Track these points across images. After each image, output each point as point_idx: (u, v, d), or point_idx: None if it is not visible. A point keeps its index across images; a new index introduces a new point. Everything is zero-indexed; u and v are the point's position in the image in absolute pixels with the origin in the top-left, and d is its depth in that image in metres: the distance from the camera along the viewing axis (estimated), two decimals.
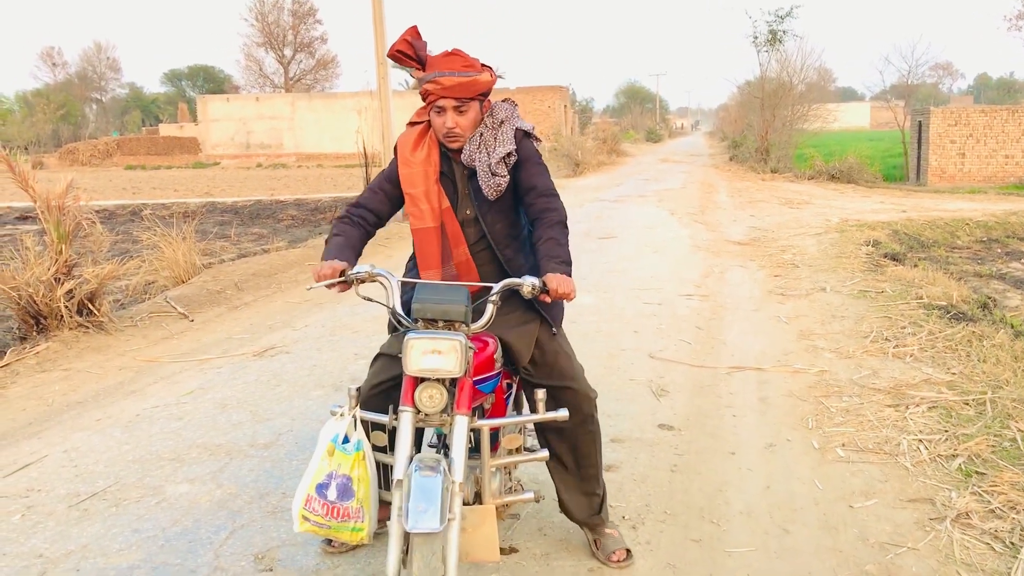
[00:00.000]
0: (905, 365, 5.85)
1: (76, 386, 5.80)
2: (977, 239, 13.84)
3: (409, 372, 2.67)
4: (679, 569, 3.34)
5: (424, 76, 3.09)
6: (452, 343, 2.64)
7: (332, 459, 2.83)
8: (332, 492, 2.80)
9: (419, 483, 2.49)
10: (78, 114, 70.53)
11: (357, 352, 6.42)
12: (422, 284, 2.92)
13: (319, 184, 27.99)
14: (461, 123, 3.13)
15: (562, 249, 3.04)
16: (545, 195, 3.17)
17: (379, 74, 15.20)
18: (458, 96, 3.07)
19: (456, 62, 3.08)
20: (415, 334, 2.66)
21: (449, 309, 2.70)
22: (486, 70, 3.13)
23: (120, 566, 3.38)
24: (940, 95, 74.85)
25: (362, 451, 2.86)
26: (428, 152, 3.23)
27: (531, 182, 3.18)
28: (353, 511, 2.82)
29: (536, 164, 3.22)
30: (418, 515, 2.42)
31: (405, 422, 2.71)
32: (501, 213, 3.25)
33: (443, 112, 3.11)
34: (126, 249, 11.53)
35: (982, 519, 3.66)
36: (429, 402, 2.69)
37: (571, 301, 2.93)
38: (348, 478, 2.82)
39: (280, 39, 66.65)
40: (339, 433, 2.86)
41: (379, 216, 3.33)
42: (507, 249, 3.27)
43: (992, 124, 24.99)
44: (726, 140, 50.64)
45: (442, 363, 2.64)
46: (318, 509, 2.81)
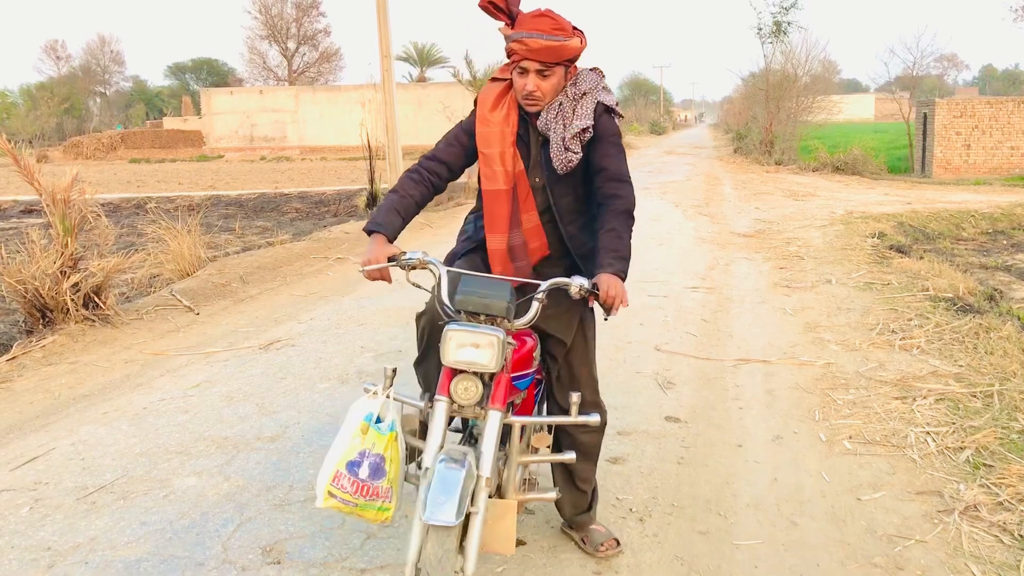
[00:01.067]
0: (912, 357, 5.83)
1: (83, 379, 5.81)
2: (983, 231, 13.79)
3: (446, 363, 2.67)
4: (686, 561, 3.34)
5: (510, 34, 2.97)
6: (491, 338, 2.63)
7: (366, 437, 2.80)
8: (364, 470, 2.77)
9: (442, 475, 2.50)
10: (82, 107, 70.57)
11: (363, 345, 6.42)
12: (467, 276, 2.87)
13: (323, 177, 27.99)
14: (543, 87, 3.01)
15: (621, 243, 2.93)
16: (615, 179, 3.05)
17: (383, 67, 15.18)
18: (543, 60, 2.95)
19: (546, 23, 2.94)
20: (455, 326, 2.66)
21: (491, 304, 2.69)
22: (577, 35, 2.99)
23: (128, 559, 3.39)
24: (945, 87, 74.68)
25: (395, 432, 2.85)
26: (507, 112, 3.11)
27: (602, 163, 3.06)
28: (383, 491, 2.80)
29: (612, 144, 3.09)
30: (435, 507, 2.43)
31: (439, 411, 2.72)
32: (570, 187, 3.15)
33: (525, 74, 2.99)
34: (131, 242, 11.54)
35: (990, 511, 3.65)
36: (464, 394, 2.70)
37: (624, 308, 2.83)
38: (381, 457, 2.79)
39: (284, 32, 66.58)
40: (372, 412, 2.84)
41: (452, 169, 3.21)
42: (570, 225, 3.19)
43: (998, 116, 24.87)
44: (730, 132, 50.51)
45: (479, 357, 2.64)
46: (347, 486, 2.77)
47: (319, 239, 12.15)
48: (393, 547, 3.43)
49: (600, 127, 3.07)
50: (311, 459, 4.32)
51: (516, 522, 2.91)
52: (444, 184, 3.22)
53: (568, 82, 3.08)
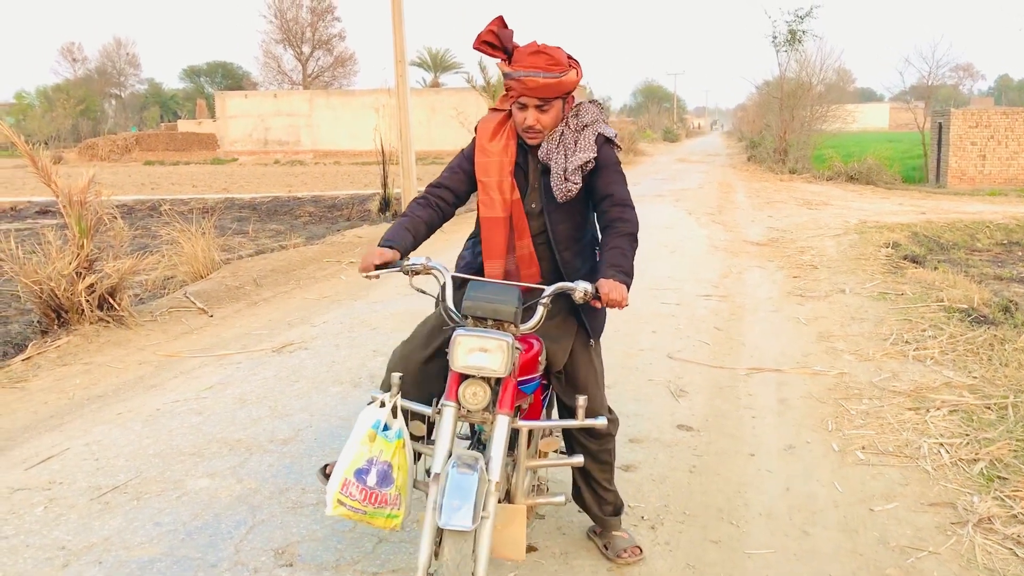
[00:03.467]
0: (925, 368, 5.81)
1: (97, 380, 5.84)
2: (998, 242, 13.73)
3: (455, 368, 2.68)
4: (698, 570, 3.34)
5: (508, 72, 3.03)
6: (500, 343, 2.65)
7: (373, 445, 2.82)
8: (372, 478, 2.80)
9: (456, 480, 2.50)
10: (97, 109, 70.98)
11: (376, 349, 6.44)
12: (474, 282, 2.91)
13: (336, 181, 28.07)
14: (542, 120, 3.08)
15: (625, 260, 3.01)
16: (619, 204, 3.12)
17: (397, 72, 15.21)
18: (541, 96, 3.02)
19: (541, 60, 2.99)
20: (464, 331, 2.68)
21: (500, 309, 2.71)
22: (572, 68, 3.05)
23: (141, 559, 3.40)
24: (960, 96, 74.31)
25: (403, 439, 2.87)
26: (506, 142, 3.18)
27: (607, 190, 3.14)
28: (391, 498, 2.82)
29: (614, 172, 3.17)
30: (452, 512, 2.44)
31: (447, 417, 2.73)
32: (567, 215, 3.21)
33: (525, 108, 3.07)
34: (145, 244, 11.60)
35: (1004, 524, 3.63)
36: (472, 399, 2.71)
37: (622, 309, 2.90)
38: (389, 465, 2.82)
39: (298, 36, 66.82)
40: (380, 419, 2.86)
41: (457, 195, 3.29)
42: (566, 251, 3.24)
43: (1013, 126, 24.76)
44: (744, 140, 50.44)
45: (488, 362, 2.66)
46: (355, 494, 2.80)
47: (332, 243, 12.19)
48: (405, 551, 3.44)
49: (602, 157, 3.15)
50: (323, 462, 4.30)
51: (526, 527, 2.92)
52: (451, 210, 3.30)
53: (568, 113, 3.17)
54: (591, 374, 3.28)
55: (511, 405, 2.75)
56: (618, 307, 2.86)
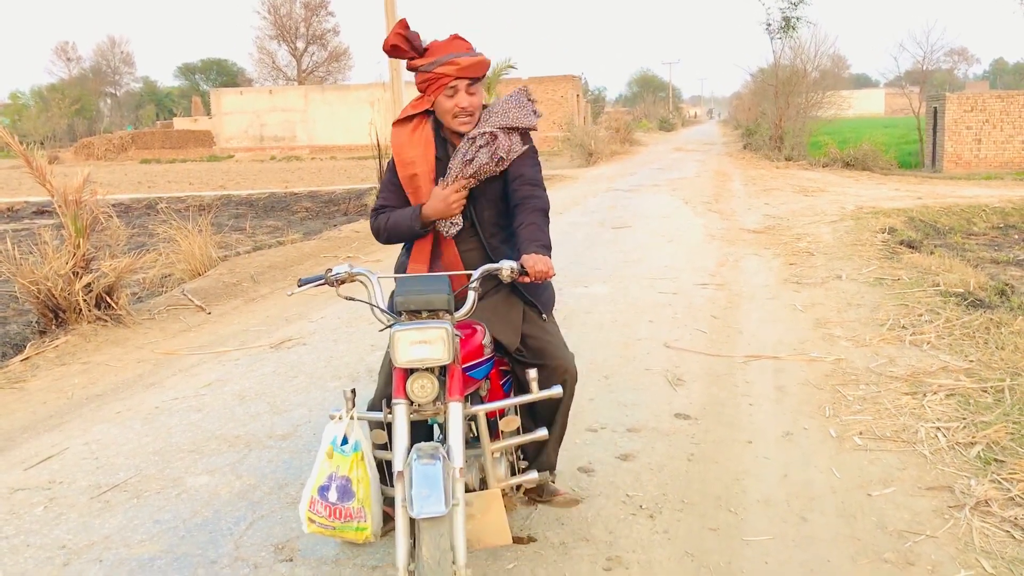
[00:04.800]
0: (922, 353, 5.82)
1: (95, 379, 5.85)
2: (994, 225, 13.75)
3: (398, 364, 2.69)
4: (697, 558, 3.35)
5: (436, 59, 3.13)
6: (438, 331, 2.66)
7: (331, 461, 2.87)
8: (333, 494, 2.85)
9: (420, 471, 2.51)
10: (93, 109, 70.89)
11: (374, 343, 6.45)
12: (403, 278, 2.93)
13: (333, 176, 28.05)
14: (474, 102, 3.19)
15: (542, 233, 3.11)
16: (531, 183, 3.25)
17: (391, 66, 15.22)
18: (473, 76, 3.15)
19: (461, 44, 3.18)
20: (401, 326, 2.69)
21: (431, 299, 2.73)
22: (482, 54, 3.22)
23: (142, 557, 3.41)
24: (955, 81, 74.30)
25: (360, 452, 2.89)
26: (424, 148, 3.28)
27: (520, 170, 3.26)
28: (355, 511, 2.85)
29: (528, 158, 3.30)
30: (422, 500, 2.44)
31: (400, 415, 2.73)
32: (491, 201, 3.32)
33: (456, 93, 3.16)
34: (143, 242, 11.59)
35: (1001, 507, 3.65)
36: (421, 392, 2.72)
37: (550, 279, 2.98)
38: (347, 479, 2.85)
39: (292, 31, 66.70)
40: (337, 435, 2.90)
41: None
42: (493, 238, 3.34)
43: (1009, 109, 24.77)
44: (740, 128, 50.39)
45: (430, 352, 2.67)
46: (321, 511, 2.86)
47: (329, 238, 12.20)
48: None
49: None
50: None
51: (505, 511, 2.94)
52: None
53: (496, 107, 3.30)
54: (547, 340, 3.32)
55: (460, 392, 2.77)
56: (546, 278, 2.93)
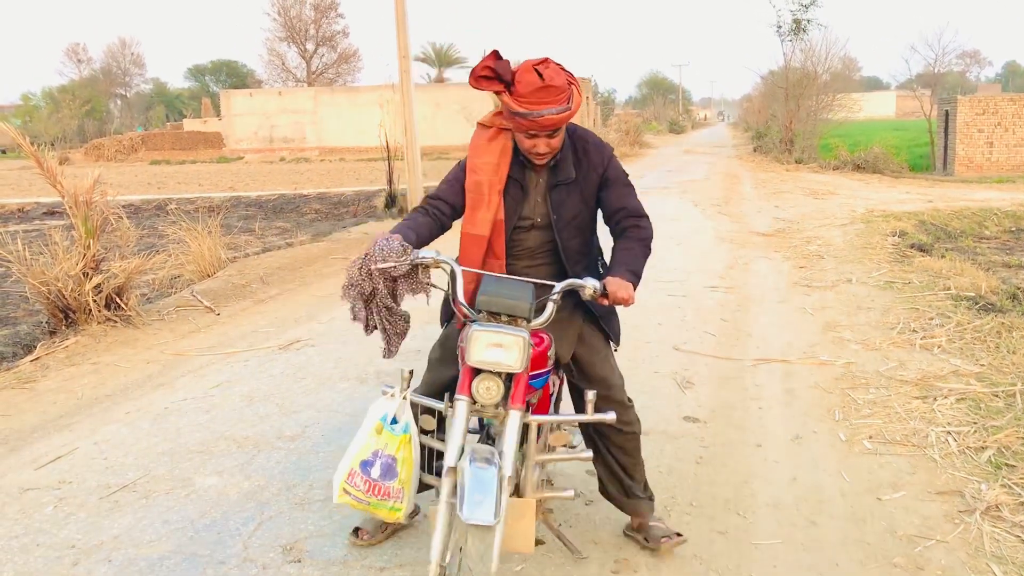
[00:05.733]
0: (933, 357, 5.80)
1: (105, 379, 5.87)
2: (1006, 229, 13.65)
3: (471, 363, 2.68)
4: (705, 561, 3.34)
5: (520, 112, 2.92)
6: (517, 339, 2.66)
7: (379, 438, 2.85)
8: (376, 470, 2.82)
9: (476, 474, 2.50)
10: (103, 110, 71.10)
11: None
12: (489, 277, 2.90)
13: (342, 178, 28.07)
14: (552, 144, 3.06)
15: (636, 262, 3.07)
16: (634, 215, 3.19)
17: (401, 68, 15.20)
18: (555, 128, 3.00)
19: (550, 95, 2.89)
20: (480, 326, 2.68)
21: (515, 305, 2.72)
22: (573, 87, 2.97)
23: (151, 557, 3.42)
24: (967, 83, 73.99)
25: (409, 434, 2.88)
26: (499, 160, 3.17)
27: (619, 203, 3.20)
28: (394, 491, 2.83)
29: (624, 185, 3.24)
30: (475, 506, 2.43)
31: (460, 411, 2.73)
32: (578, 230, 3.25)
33: (535, 137, 3.02)
34: (152, 243, 11.62)
35: (1012, 512, 3.63)
36: (486, 394, 2.71)
37: (628, 307, 2.94)
38: (393, 459, 2.83)
39: (302, 33, 66.80)
40: (388, 413, 2.88)
41: (455, 208, 3.26)
42: (576, 265, 3.26)
43: (1021, 113, 24.62)
44: (750, 131, 50.27)
45: (504, 357, 2.66)
46: (359, 484, 2.83)
47: (338, 239, 12.22)
48: (412, 546, 3.45)
49: (612, 170, 3.23)
50: (331, 458, 4.35)
51: (535, 521, 2.93)
52: (449, 222, 3.28)
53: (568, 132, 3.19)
54: (608, 368, 3.30)
55: (523, 400, 2.76)
56: (624, 304, 2.89)
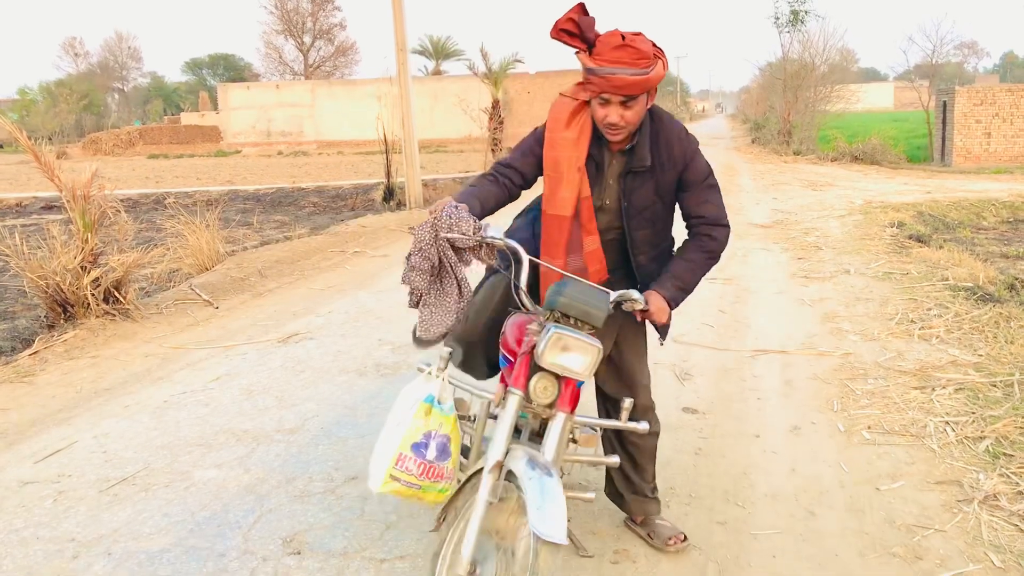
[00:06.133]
0: (931, 347, 5.80)
1: (104, 373, 5.87)
2: (1003, 219, 13.66)
3: (543, 363, 2.61)
4: (704, 552, 3.35)
5: (592, 68, 2.78)
6: (593, 348, 2.62)
7: (429, 418, 2.78)
8: (432, 451, 2.75)
9: (543, 484, 2.44)
10: (100, 104, 70.97)
11: (381, 338, 6.45)
12: (571, 280, 2.77)
13: (340, 171, 28.05)
14: (627, 116, 2.86)
15: (692, 275, 3.01)
16: (714, 224, 3.07)
17: (399, 60, 15.17)
18: (627, 93, 2.80)
19: (627, 55, 2.73)
20: (561, 329, 2.61)
21: (592, 313, 2.65)
22: (658, 60, 2.80)
23: (151, 550, 3.42)
24: (965, 74, 73.85)
25: (455, 415, 2.85)
26: (579, 136, 2.99)
27: (699, 211, 3.06)
28: (447, 472, 2.78)
29: (706, 188, 3.06)
30: (550, 521, 2.36)
31: (512, 405, 2.66)
32: (648, 221, 3.10)
33: (607, 104, 2.85)
34: (150, 237, 11.62)
35: (1010, 501, 3.63)
36: (543, 393, 2.67)
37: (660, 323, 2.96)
38: (447, 438, 2.78)
39: (299, 26, 66.71)
40: (432, 394, 2.82)
41: (526, 178, 3.11)
42: (642, 255, 3.14)
43: (1019, 103, 24.61)
44: (748, 122, 50.22)
45: (575, 363, 2.62)
46: (412, 468, 2.73)
47: (336, 233, 12.20)
48: (412, 537, 3.45)
49: (694, 171, 3.04)
50: (330, 451, 4.35)
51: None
52: (518, 191, 3.14)
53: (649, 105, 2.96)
54: (638, 368, 3.29)
55: (571, 404, 2.74)
56: (657, 323, 2.92)
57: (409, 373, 5.25)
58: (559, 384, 2.71)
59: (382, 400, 5.02)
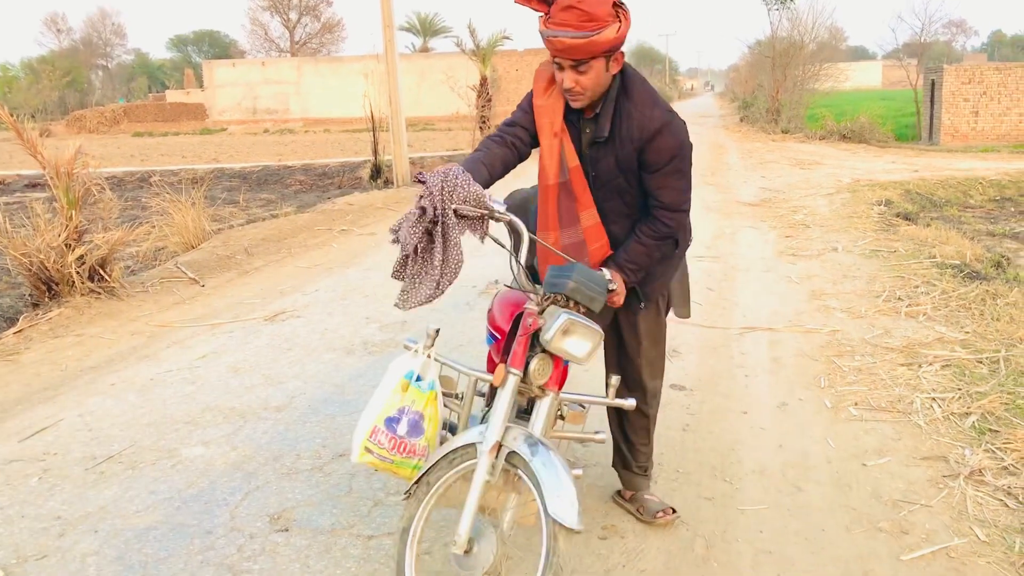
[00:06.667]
0: (918, 324, 5.82)
1: (89, 351, 5.83)
2: (990, 198, 13.72)
3: (550, 347, 2.60)
4: (692, 527, 3.36)
5: (541, 30, 2.73)
6: (598, 334, 2.64)
7: (406, 395, 2.79)
8: (403, 427, 2.76)
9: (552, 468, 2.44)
10: (84, 81, 70.27)
11: (368, 316, 6.43)
12: (580, 267, 2.70)
13: (326, 149, 27.90)
14: (582, 82, 2.76)
15: (644, 258, 2.95)
16: (669, 209, 2.91)
17: (385, 37, 15.06)
18: (572, 57, 2.70)
19: (572, 16, 2.62)
20: (570, 314, 2.59)
21: (596, 299, 2.63)
22: (614, 20, 2.67)
23: (138, 527, 3.41)
24: (954, 53, 73.90)
25: (435, 391, 2.84)
26: (555, 102, 2.92)
27: (658, 196, 2.90)
28: (420, 449, 2.79)
29: (666, 175, 2.86)
30: (565, 506, 2.37)
31: (511, 385, 2.61)
32: (616, 192, 2.98)
33: (562, 69, 2.77)
34: (136, 215, 11.53)
35: (995, 476, 3.66)
36: (539, 374, 2.66)
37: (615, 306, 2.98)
38: (420, 415, 2.79)
39: (285, 3, 66.13)
40: (413, 370, 2.82)
41: (533, 135, 2.99)
42: (614, 225, 3.03)
43: (1006, 82, 24.64)
44: (736, 101, 50.17)
45: (577, 349, 2.62)
46: (384, 442, 2.76)
47: (323, 211, 12.14)
48: (400, 514, 3.43)
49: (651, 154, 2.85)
50: (318, 428, 4.34)
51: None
52: (528, 150, 3.02)
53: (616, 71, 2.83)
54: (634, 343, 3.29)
55: (560, 383, 2.77)
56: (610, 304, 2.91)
57: (396, 351, 5.23)
58: (552, 364, 2.71)
59: (369, 378, 5.00)
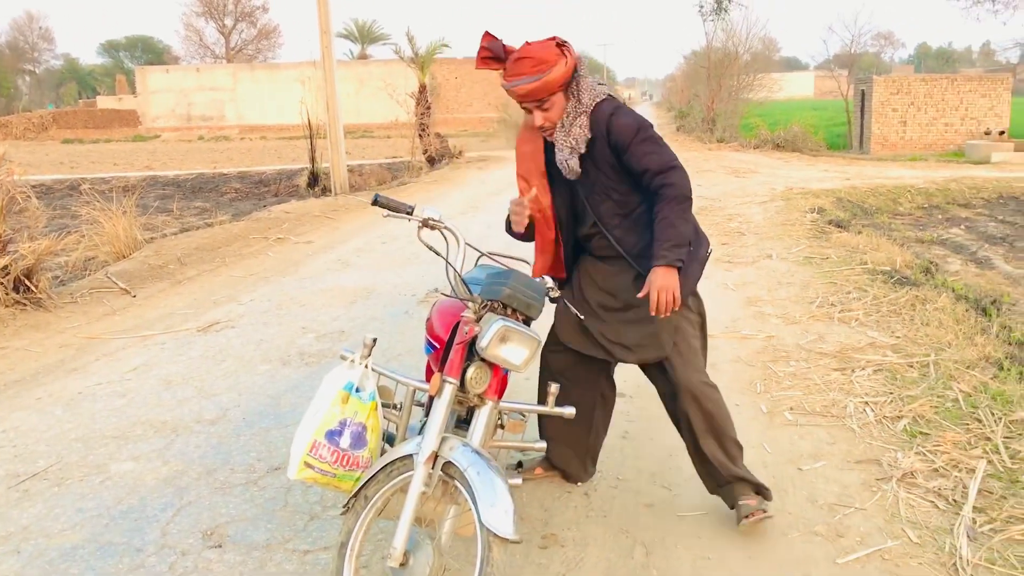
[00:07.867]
0: (850, 329, 5.93)
1: (14, 364, 5.64)
2: (919, 206, 14.07)
3: (485, 353, 2.60)
4: (631, 534, 3.36)
5: (503, 84, 3.06)
6: (535, 341, 2.65)
7: (346, 406, 2.74)
8: (345, 440, 2.72)
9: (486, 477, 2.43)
10: (10, 86, 68.42)
11: (304, 326, 6.33)
12: (513, 271, 2.78)
13: (263, 156, 27.54)
14: (550, 117, 3.09)
15: (674, 231, 2.93)
16: (660, 172, 3.02)
17: (322, 43, 14.92)
18: (533, 99, 3.04)
19: (525, 66, 2.98)
20: (507, 322, 2.60)
21: (533, 305, 2.70)
22: (560, 59, 2.99)
23: (63, 546, 3.29)
24: (882, 64, 75.95)
25: (376, 402, 2.80)
26: (533, 147, 3.24)
27: (641, 165, 3.04)
28: (363, 460, 2.75)
29: (640, 142, 3.04)
30: (500, 516, 2.36)
31: (448, 393, 2.63)
32: (604, 193, 3.17)
33: (530, 112, 3.12)
34: (65, 224, 11.22)
35: (926, 478, 3.73)
36: (476, 383, 2.66)
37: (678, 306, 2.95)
38: (363, 427, 2.74)
39: (220, 8, 65.25)
40: (352, 381, 2.78)
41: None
42: (616, 230, 3.20)
43: (932, 93, 25.37)
44: (673, 110, 50.81)
45: (514, 357, 2.63)
46: (326, 456, 2.71)
47: (259, 219, 11.96)
48: (336, 528, 3.38)
49: (617, 135, 3.05)
50: (252, 441, 4.25)
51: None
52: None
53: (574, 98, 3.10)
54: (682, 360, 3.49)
55: (499, 393, 2.75)
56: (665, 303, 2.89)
57: (333, 361, 5.16)
58: (490, 372, 2.70)
59: (305, 389, 4.92)
